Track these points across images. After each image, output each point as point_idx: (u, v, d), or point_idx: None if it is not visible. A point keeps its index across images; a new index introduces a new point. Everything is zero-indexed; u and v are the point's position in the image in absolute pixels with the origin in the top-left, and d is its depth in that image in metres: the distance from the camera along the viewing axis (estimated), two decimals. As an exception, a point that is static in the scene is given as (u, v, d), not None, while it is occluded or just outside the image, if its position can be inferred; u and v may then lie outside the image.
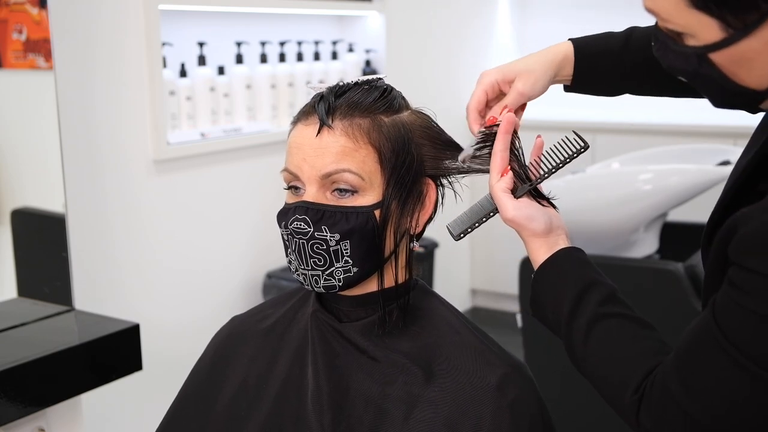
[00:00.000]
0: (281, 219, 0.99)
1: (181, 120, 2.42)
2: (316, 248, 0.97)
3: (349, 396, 1.00)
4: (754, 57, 0.80)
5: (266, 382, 1.07)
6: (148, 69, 2.20)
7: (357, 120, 0.98)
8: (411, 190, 1.00)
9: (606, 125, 3.66)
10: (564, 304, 0.94)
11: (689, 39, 0.82)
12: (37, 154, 1.88)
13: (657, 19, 0.85)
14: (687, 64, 0.83)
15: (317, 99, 0.99)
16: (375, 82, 1.03)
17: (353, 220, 0.96)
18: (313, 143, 0.97)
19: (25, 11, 1.76)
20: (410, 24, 3.42)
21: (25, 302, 1.78)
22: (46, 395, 1.53)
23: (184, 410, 1.12)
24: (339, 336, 1.03)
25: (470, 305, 4.19)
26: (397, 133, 0.99)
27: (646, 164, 2.64)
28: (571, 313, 0.93)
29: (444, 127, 1.06)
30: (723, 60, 0.81)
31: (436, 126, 1.05)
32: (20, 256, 1.83)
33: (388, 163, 0.98)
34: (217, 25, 2.61)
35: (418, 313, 1.04)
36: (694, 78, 0.85)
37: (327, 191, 0.97)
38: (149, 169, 2.26)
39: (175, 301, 2.38)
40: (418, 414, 0.96)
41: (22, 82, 1.86)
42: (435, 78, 3.66)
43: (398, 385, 0.99)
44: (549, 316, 0.97)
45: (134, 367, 1.70)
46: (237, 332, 1.14)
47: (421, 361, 1.00)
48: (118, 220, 2.17)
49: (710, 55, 0.81)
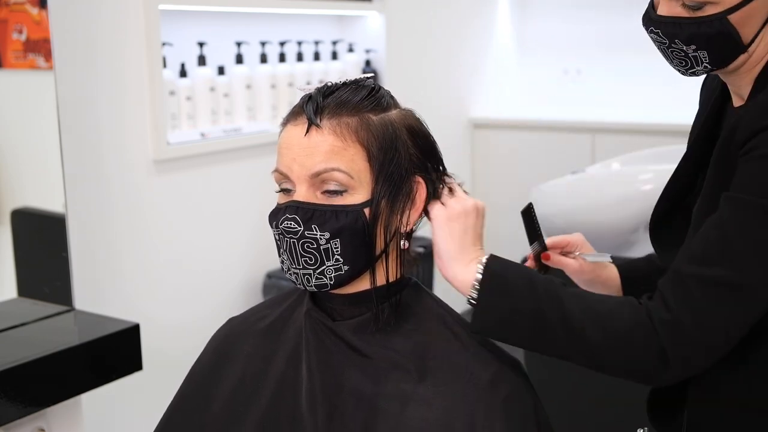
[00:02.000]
0: (272, 219, 1.00)
1: (181, 120, 2.42)
2: (306, 247, 0.97)
3: (342, 394, 1.00)
4: (754, 14, 1.01)
5: (263, 381, 1.07)
6: (148, 69, 2.20)
7: (345, 119, 0.98)
8: (400, 188, 1.00)
9: (606, 125, 3.66)
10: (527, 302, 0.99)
11: (711, 8, 1.00)
12: (37, 154, 1.88)
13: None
14: (709, 28, 1.01)
15: (305, 99, 1.00)
16: (363, 81, 1.03)
17: (343, 218, 0.97)
18: (302, 143, 0.98)
19: (25, 11, 1.77)
20: (410, 24, 3.42)
21: (25, 302, 1.78)
22: (46, 395, 1.53)
23: (182, 410, 1.12)
24: (332, 334, 1.03)
25: (470, 305, 4.19)
26: (385, 131, 1.00)
27: (646, 164, 2.65)
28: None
29: (443, 126, 1.07)
30: (737, 20, 1.01)
31: (421, 126, 1.05)
32: (20, 256, 1.83)
33: (376, 161, 0.98)
34: (217, 25, 2.61)
35: (411, 310, 1.04)
36: (708, 42, 1.02)
37: (317, 190, 0.98)
38: (149, 169, 2.26)
39: (175, 301, 2.38)
40: (411, 411, 0.97)
41: (22, 82, 1.86)
42: (435, 78, 3.66)
43: (391, 382, 0.99)
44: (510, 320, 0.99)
45: (134, 367, 1.70)
46: (234, 332, 1.15)
47: (415, 359, 1.00)
48: (118, 220, 2.17)
49: (729, 16, 1.00)
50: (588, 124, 3.66)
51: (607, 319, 0.97)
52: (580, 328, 0.97)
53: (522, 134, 3.87)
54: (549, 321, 0.97)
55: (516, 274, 1.00)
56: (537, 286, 0.99)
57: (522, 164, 3.83)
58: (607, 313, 0.98)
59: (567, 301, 0.98)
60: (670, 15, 1.04)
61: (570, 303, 0.98)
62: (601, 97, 4.05)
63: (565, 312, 0.97)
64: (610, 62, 4.04)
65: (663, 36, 1.06)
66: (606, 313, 0.98)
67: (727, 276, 0.94)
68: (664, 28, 1.05)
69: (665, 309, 0.96)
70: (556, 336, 0.98)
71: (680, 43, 1.04)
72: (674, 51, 1.06)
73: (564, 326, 0.97)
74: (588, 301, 1.00)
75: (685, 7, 1.02)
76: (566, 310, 0.97)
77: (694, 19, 1.02)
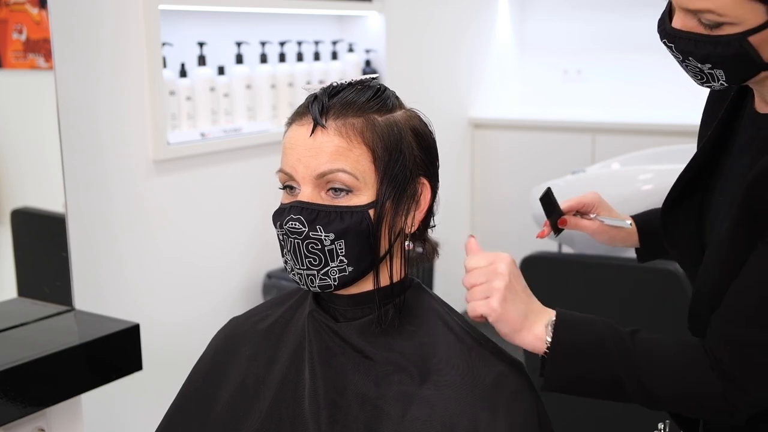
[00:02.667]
0: (276, 219, 1.00)
1: (181, 120, 2.42)
2: (311, 248, 0.97)
3: (345, 395, 1.00)
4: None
5: (264, 382, 1.07)
6: (148, 69, 2.20)
7: (350, 119, 0.98)
8: (405, 189, 1.00)
9: (606, 125, 3.66)
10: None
11: (729, 28, 0.94)
12: (37, 154, 1.88)
13: (702, 15, 0.94)
14: (726, 49, 0.95)
15: (311, 99, 1.00)
16: (368, 81, 1.03)
17: (348, 219, 0.97)
18: (307, 143, 0.97)
19: (25, 11, 1.76)
20: (410, 24, 3.42)
21: (25, 302, 1.78)
22: (46, 395, 1.53)
23: (183, 410, 1.12)
24: (335, 336, 1.03)
25: (470, 305, 4.19)
26: (390, 132, 0.99)
27: (646, 164, 2.65)
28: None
29: (443, 126, 1.07)
30: (758, 41, 0.94)
31: (425, 128, 1.05)
32: (20, 256, 1.83)
33: (381, 162, 0.98)
34: (217, 25, 2.61)
35: (414, 312, 1.04)
36: (724, 62, 0.96)
37: (322, 191, 0.98)
38: (149, 169, 2.26)
39: (175, 300, 2.38)
40: (413, 413, 0.97)
41: (22, 82, 1.86)
42: (435, 78, 3.66)
43: (394, 384, 0.99)
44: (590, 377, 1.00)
45: (134, 367, 1.70)
46: (236, 333, 1.14)
47: (417, 360, 1.00)
48: (118, 220, 2.17)
49: (749, 38, 0.93)
50: (588, 124, 3.66)
51: (679, 382, 0.98)
52: (653, 394, 0.99)
53: (522, 134, 3.87)
54: (624, 390, 0.99)
55: (585, 339, 0.99)
56: (609, 351, 0.98)
57: (522, 164, 3.83)
58: (679, 375, 0.98)
59: (638, 359, 0.98)
60: (685, 29, 0.97)
61: (641, 362, 0.98)
62: (601, 97, 4.06)
63: (640, 377, 0.98)
64: (610, 62, 4.04)
65: (677, 52, 1.00)
66: (678, 377, 0.98)
67: None
68: (678, 43, 0.99)
69: (728, 377, 0.96)
70: (630, 397, 1.00)
71: (695, 61, 0.99)
72: (689, 66, 1.00)
73: (640, 393, 0.99)
74: (658, 358, 0.99)
75: (702, 24, 0.95)
76: (640, 375, 0.98)
77: (711, 38, 0.95)
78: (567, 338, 0.98)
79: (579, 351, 0.98)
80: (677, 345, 1.00)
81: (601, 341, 0.98)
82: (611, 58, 4.03)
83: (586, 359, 0.98)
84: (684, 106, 3.92)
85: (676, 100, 3.86)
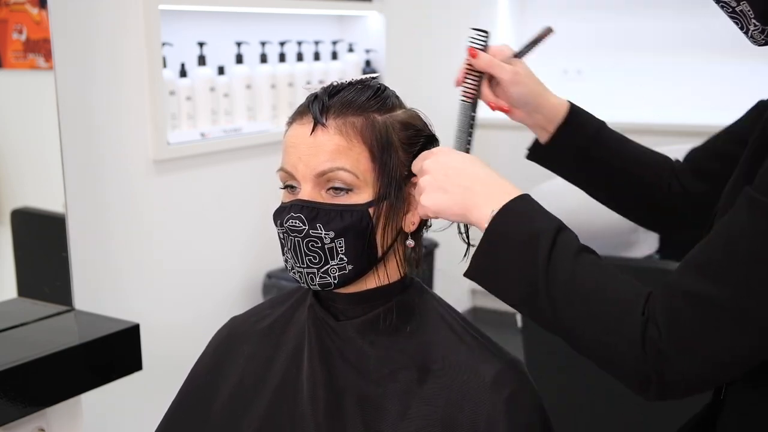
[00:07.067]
0: (277, 218, 1.00)
1: (181, 120, 2.42)
2: (311, 246, 0.97)
3: (345, 394, 1.00)
4: None
5: (264, 381, 1.07)
6: (148, 69, 2.20)
7: (350, 118, 0.98)
8: (404, 188, 1.01)
9: (606, 125, 3.65)
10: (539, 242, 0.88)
11: None
12: (37, 154, 1.88)
13: None
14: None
15: (311, 98, 1.01)
16: (368, 81, 1.04)
17: (348, 218, 0.97)
18: (308, 142, 0.98)
19: (25, 11, 1.76)
20: (410, 24, 3.42)
21: (25, 302, 1.78)
22: (46, 395, 1.53)
23: (183, 410, 1.13)
24: (335, 334, 1.03)
25: (470, 305, 4.19)
26: (390, 131, 1.00)
27: (646, 164, 2.64)
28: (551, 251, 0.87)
29: (443, 126, 1.07)
30: None
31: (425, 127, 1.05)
32: (20, 256, 1.83)
33: (381, 160, 0.98)
34: (217, 25, 2.61)
35: (413, 310, 1.04)
36: None
37: (322, 189, 0.98)
38: (149, 169, 2.26)
39: (175, 301, 2.38)
40: (414, 411, 0.97)
41: (22, 82, 1.86)
42: (435, 78, 3.66)
43: (394, 382, 0.99)
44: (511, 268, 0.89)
45: (134, 367, 1.70)
46: (236, 332, 1.15)
47: (417, 359, 1.00)
48: (118, 220, 2.17)
49: None
50: (588, 124, 3.66)
51: (597, 315, 0.85)
52: (570, 319, 0.87)
53: (522, 134, 3.84)
54: (540, 297, 0.88)
55: (520, 230, 0.89)
56: (538, 251, 0.87)
57: (522, 164, 3.81)
58: (602, 306, 0.85)
59: (563, 275, 0.87)
60: None
61: (564, 277, 0.86)
62: (601, 97, 4.05)
63: (554, 293, 0.87)
64: (610, 62, 4.04)
65: None
66: (605, 316, 0.85)
67: (727, 296, 0.78)
68: None
69: (657, 332, 0.81)
70: (540, 313, 0.89)
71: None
72: (724, 7, 0.94)
73: (549, 311, 0.88)
74: (590, 281, 0.86)
75: None
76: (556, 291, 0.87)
77: None
78: (501, 227, 0.90)
79: (506, 241, 0.89)
80: (622, 279, 0.86)
81: (535, 236, 0.88)
82: (611, 58, 4.03)
83: (509, 252, 0.89)
84: (684, 106, 3.92)
85: (676, 100, 3.86)
